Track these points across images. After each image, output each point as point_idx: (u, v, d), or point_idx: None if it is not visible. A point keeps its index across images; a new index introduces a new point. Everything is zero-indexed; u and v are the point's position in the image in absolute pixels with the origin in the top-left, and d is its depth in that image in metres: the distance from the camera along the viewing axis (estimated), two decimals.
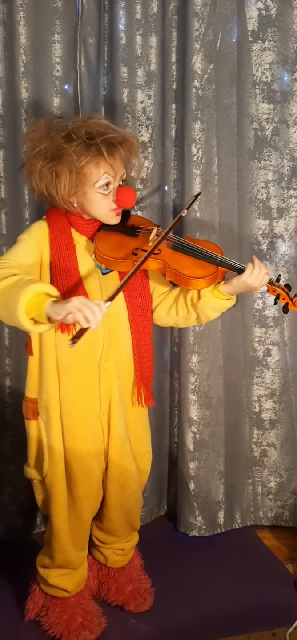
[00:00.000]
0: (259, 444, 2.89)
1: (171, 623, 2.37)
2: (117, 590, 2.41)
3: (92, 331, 1.79)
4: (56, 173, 2.01)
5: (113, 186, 2.06)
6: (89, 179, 2.03)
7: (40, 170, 2.02)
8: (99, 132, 2.02)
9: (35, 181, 2.05)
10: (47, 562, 2.26)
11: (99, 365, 2.11)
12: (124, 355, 2.16)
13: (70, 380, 2.11)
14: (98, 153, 2.00)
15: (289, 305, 2.09)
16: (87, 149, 2.00)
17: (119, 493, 2.24)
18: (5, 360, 2.69)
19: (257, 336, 2.81)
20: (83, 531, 2.25)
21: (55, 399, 2.11)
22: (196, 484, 2.80)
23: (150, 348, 2.22)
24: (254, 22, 2.59)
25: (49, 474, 2.15)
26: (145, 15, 2.55)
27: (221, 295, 2.09)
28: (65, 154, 1.99)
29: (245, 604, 2.46)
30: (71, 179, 2.00)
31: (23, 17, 2.45)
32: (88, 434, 2.15)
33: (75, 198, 2.06)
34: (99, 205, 2.06)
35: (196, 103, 2.56)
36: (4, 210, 2.60)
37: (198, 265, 2.06)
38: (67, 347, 1.87)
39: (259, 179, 2.69)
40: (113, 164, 2.04)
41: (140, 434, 2.28)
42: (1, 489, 2.75)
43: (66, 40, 2.53)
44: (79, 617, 2.27)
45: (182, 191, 2.66)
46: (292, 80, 2.64)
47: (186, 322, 2.23)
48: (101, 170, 2.03)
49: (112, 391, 2.15)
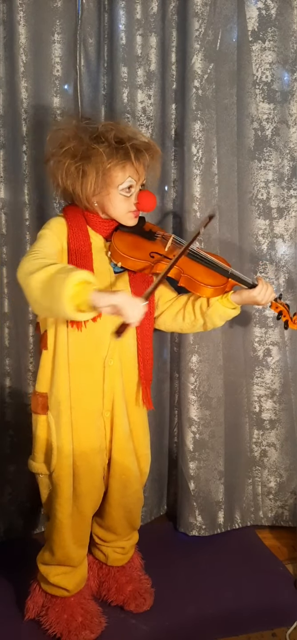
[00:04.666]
0: (259, 444, 2.89)
1: (171, 623, 2.37)
2: (117, 590, 2.42)
3: (100, 328, 1.96)
4: (83, 172, 2.07)
5: (135, 190, 2.14)
6: (113, 181, 2.10)
7: (67, 167, 2.09)
8: (128, 137, 2.11)
9: (62, 177, 2.11)
10: (47, 557, 2.26)
11: (104, 362, 2.15)
12: (128, 354, 2.20)
13: (77, 376, 2.14)
14: (125, 157, 2.09)
15: (289, 323, 2.27)
16: (116, 152, 2.08)
17: (121, 491, 2.25)
18: (5, 360, 2.69)
19: (258, 336, 2.81)
20: (84, 527, 2.26)
21: (65, 394, 2.14)
22: (196, 484, 2.80)
23: (151, 352, 2.28)
24: (254, 22, 2.59)
25: (57, 468, 2.16)
26: (145, 15, 2.55)
27: (230, 304, 2.22)
28: (94, 155, 2.06)
29: (245, 604, 2.46)
30: (97, 179, 2.08)
31: (23, 16, 2.45)
32: (91, 430, 2.17)
33: (97, 197, 2.12)
34: (120, 206, 2.14)
35: (196, 103, 2.56)
36: (3, 210, 2.60)
37: (210, 275, 2.20)
38: (78, 344, 2.04)
39: (259, 179, 2.69)
40: (138, 169, 2.12)
41: (139, 435, 2.30)
42: (1, 489, 2.75)
43: (66, 40, 2.53)
44: (79, 617, 2.27)
45: (182, 191, 2.66)
46: (292, 80, 2.64)
47: (191, 329, 2.33)
48: (127, 173, 2.11)
49: (116, 389, 2.18)
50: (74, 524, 2.21)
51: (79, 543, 2.25)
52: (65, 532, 2.20)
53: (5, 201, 2.59)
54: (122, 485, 2.25)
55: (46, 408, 2.16)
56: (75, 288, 1.79)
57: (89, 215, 2.17)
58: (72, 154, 2.08)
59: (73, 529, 2.21)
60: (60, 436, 2.15)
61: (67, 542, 2.21)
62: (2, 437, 2.73)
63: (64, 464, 2.15)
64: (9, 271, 2.62)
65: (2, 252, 2.62)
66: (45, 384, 2.17)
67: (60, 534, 2.20)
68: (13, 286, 2.63)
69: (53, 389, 2.15)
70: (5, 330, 2.67)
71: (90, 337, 2.10)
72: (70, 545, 2.22)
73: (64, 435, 2.15)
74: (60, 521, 2.19)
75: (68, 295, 1.78)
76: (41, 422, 2.18)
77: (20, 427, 2.71)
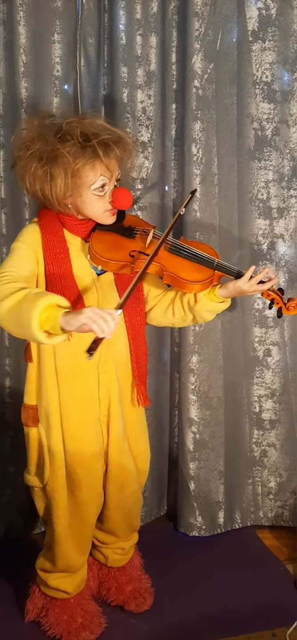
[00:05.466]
0: (259, 444, 2.89)
1: (171, 623, 2.37)
2: (117, 590, 2.41)
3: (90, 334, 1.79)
4: (51, 175, 1.97)
5: (109, 187, 2.04)
6: (84, 181, 2.00)
7: (34, 172, 1.99)
8: (94, 133, 1.99)
9: (29, 182, 2.01)
10: (47, 566, 2.25)
11: (98, 368, 2.10)
12: (121, 356, 2.16)
13: (69, 385, 2.10)
14: (94, 155, 1.97)
15: (282, 310, 2.12)
16: (83, 150, 1.97)
17: (119, 493, 2.24)
18: (5, 361, 2.69)
19: (258, 336, 2.80)
20: (87, 535, 2.25)
21: (55, 404, 2.10)
22: (196, 484, 2.80)
23: (144, 348, 2.23)
24: (254, 22, 2.59)
25: (50, 480, 2.14)
26: (146, 15, 2.55)
27: (217, 298, 2.11)
28: (60, 156, 1.96)
29: (245, 604, 2.46)
30: (67, 181, 1.97)
31: (23, 17, 2.45)
32: (90, 437, 2.15)
33: (70, 199, 2.03)
34: (95, 206, 2.04)
35: (196, 103, 2.56)
36: (4, 210, 2.60)
37: (195, 269, 2.07)
38: (67, 353, 1.92)
39: (259, 179, 2.69)
40: (109, 165, 2.01)
41: (137, 433, 2.28)
42: (1, 490, 2.75)
43: (66, 40, 2.53)
44: (78, 618, 2.26)
45: (182, 191, 2.66)
46: (293, 80, 2.64)
47: (182, 323, 2.27)
48: (97, 172, 2.00)
49: (111, 393, 2.14)
50: (76, 532, 2.20)
51: (80, 551, 2.25)
52: (65, 543, 2.19)
53: (5, 201, 2.59)
54: (119, 487, 2.23)
55: (37, 420, 2.13)
56: (42, 315, 1.73)
57: (65, 218, 2.07)
58: (38, 157, 1.97)
59: (76, 537, 2.20)
60: (51, 447, 2.12)
61: (67, 552, 2.20)
62: (1, 437, 2.73)
63: (57, 475, 2.13)
64: None
65: (3, 252, 2.61)
66: (34, 396, 2.14)
67: (60, 546, 2.19)
68: None
69: (42, 400, 2.12)
70: (5, 331, 2.66)
71: (80, 344, 1.97)
72: (71, 554, 2.21)
73: (55, 447, 2.11)
74: (59, 534, 2.17)
75: (36, 325, 1.72)
76: (32, 435, 2.15)
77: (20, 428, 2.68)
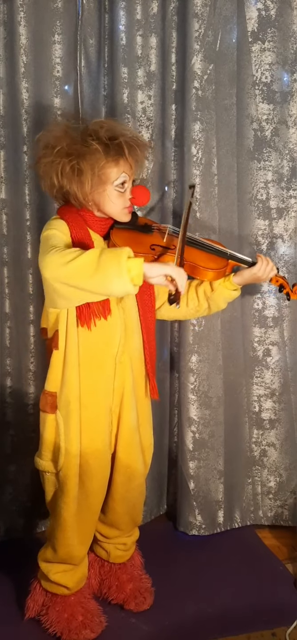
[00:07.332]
0: (259, 444, 2.90)
1: (171, 622, 2.37)
2: (118, 588, 2.42)
3: (111, 325, 2.07)
4: (79, 170, 2.05)
5: (128, 185, 2.14)
6: (108, 177, 2.10)
7: (62, 167, 2.06)
8: (120, 132, 2.11)
9: (57, 177, 2.08)
10: (49, 555, 2.26)
11: (116, 359, 2.16)
12: (136, 349, 2.23)
13: (90, 375, 2.15)
14: (119, 152, 2.08)
15: (290, 295, 2.32)
16: (108, 148, 2.07)
17: (126, 485, 2.27)
18: (5, 360, 2.69)
19: (257, 336, 2.81)
20: (92, 524, 2.27)
21: (75, 393, 2.15)
22: (196, 484, 2.81)
23: (154, 343, 2.32)
24: (254, 23, 2.59)
25: (64, 467, 2.16)
26: (146, 16, 2.55)
27: (232, 286, 2.28)
28: (88, 152, 2.05)
29: (245, 604, 2.46)
30: (93, 177, 2.06)
31: (23, 17, 2.45)
32: (103, 427, 2.19)
33: (93, 195, 2.12)
34: (116, 202, 2.13)
35: (196, 103, 2.56)
36: (4, 211, 2.61)
37: (210, 259, 2.24)
38: (88, 343, 2.09)
39: (259, 179, 2.69)
40: (132, 164, 2.13)
41: (146, 426, 2.32)
42: (2, 489, 2.75)
43: (66, 40, 2.53)
44: (79, 616, 2.27)
45: (182, 191, 2.66)
46: (292, 80, 2.65)
47: (195, 314, 2.40)
48: (121, 168, 2.11)
49: (126, 384, 2.20)
50: (81, 522, 2.21)
51: (83, 541, 2.26)
52: (69, 530, 2.20)
53: (6, 201, 2.60)
54: (127, 479, 2.26)
55: (55, 407, 2.16)
56: (128, 261, 1.85)
57: (86, 215, 2.15)
58: (66, 153, 2.06)
59: (80, 527, 2.21)
60: (68, 436, 2.15)
61: (70, 541, 2.21)
62: (2, 436, 2.73)
63: (72, 463, 2.16)
64: (10, 271, 2.63)
65: (3, 252, 2.62)
66: (56, 383, 2.17)
67: (64, 533, 2.20)
68: (14, 286, 2.64)
69: (63, 388, 2.15)
70: (6, 330, 2.67)
71: (100, 335, 2.11)
72: (74, 543, 2.22)
73: (72, 435, 2.15)
74: (65, 520, 2.19)
75: (125, 267, 1.84)
76: (49, 421, 2.18)
77: (21, 427, 2.71)
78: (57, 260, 1.92)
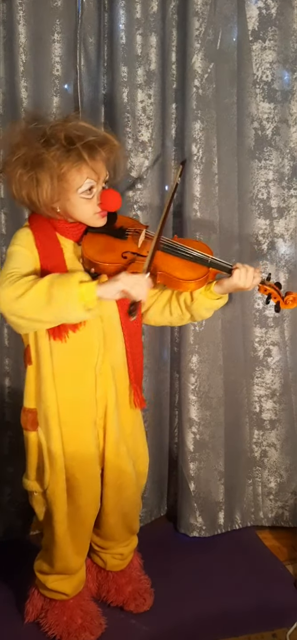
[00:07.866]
0: (260, 444, 2.89)
1: (171, 623, 2.36)
2: (117, 592, 2.40)
3: (87, 335, 1.92)
4: (37, 180, 1.93)
5: (96, 189, 2.00)
6: (71, 185, 1.96)
7: (19, 178, 1.95)
8: (78, 136, 1.95)
9: (16, 189, 1.99)
10: (45, 568, 2.24)
11: (95, 369, 2.09)
12: (118, 358, 2.15)
13: (67, 387, 2.08)
14: (79, 158, 1.93)
15: (280, 304, 2.08)
16: (68, 154, 1.93)
17: (117, 496, 2.22)
18: (4, 360, 2.68)
19: (258, 336, 2.80)
20: (86, 536, 2.24)
21: (53, 407, 2.08)
22: (196, 485, 2.80)
23: (140, 349, 2.22)
24: (255, 22, 2.58)
25: (51, 484, 2.12)
26: (146, 15, 2.54)
27: (213, 295, 2.09)
28: (45, 161, 1.92)
29: (245, 605, 2.45)
30: (53, 186, 1.94)
31: (23, 16, 2.44)
32: (88, 440, 2.13)
33: (58, 204, 2.00)
34: (84, 209, 2.01)
35: (196, 102, 2.55)
36: (3, 210, 2.60)
37: (189, 267, 2.03)
38: (64, 355, 1.98)
39: (260, 178, 2.68)
40: (95, 168, 1.97)
41: (137, 435, 2.27)
42: (0, 490, 2.75)
43: (66, 39, 2.52)
44: (78, 619, 2.26)
45: (182, 191, 2.65)
46: (293, 79, 2.64)
47: (181, 322, 2.25)
48: (84, 175, 1.96)
49: (109, 395, 2.13)
50: (75, 536, 2.19)
51: (79, 552, 2.24)
52: (64, 545, 2.17)
53: (5, 201, 2.59)
54: (117, 490, 2.21)
55: (36, 424, 2.11)
56: (79, 288, 1.80)
57: (56, 222, 2.03)
58: (23, 162, 1.94)
59: (74, 541, 2.19)
60: (51, 452, 2.10)
61: (66, 555, 2.19)
62: (1, 437, 2.72)
63: (58, 479, 2.12)
64: None
65: (2, 252, 2.61)
66: (33, 399, 2.11)
67: (59, 548, 2.18)
68: None
69: (41, 404, 2.10)
70: (4, 330, 2.67)
71: (76, 346, 2.02)
72: (70, 556, 2.20)
73: (55, 450, 2.09)
74: (58, 536, 2.16)
75: (75, 299, 1.79)
76: (32, 439, 2.13)
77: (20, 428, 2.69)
78: (9, 294, 1.84)
